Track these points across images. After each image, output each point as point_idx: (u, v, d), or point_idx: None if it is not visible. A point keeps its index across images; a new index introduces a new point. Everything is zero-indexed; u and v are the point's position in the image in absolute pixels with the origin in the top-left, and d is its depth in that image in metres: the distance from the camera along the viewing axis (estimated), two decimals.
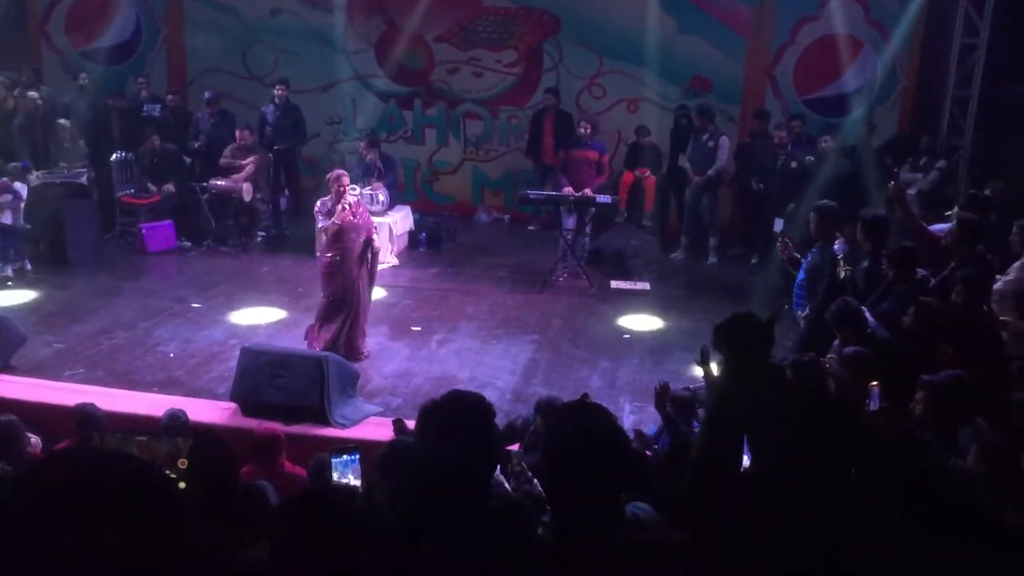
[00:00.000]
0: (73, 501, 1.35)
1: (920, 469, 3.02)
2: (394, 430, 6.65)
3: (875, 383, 5.53)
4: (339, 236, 8.87)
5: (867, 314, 6.71)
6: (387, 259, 12.25)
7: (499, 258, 12.59)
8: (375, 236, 9.16)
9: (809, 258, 8.02)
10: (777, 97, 13.44)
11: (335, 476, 3.47)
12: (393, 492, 2.96)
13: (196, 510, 3.01)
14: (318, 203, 9.06)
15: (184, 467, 3.35)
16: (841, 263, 7.39)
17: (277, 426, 7.05)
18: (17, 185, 11.22)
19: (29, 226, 11.44)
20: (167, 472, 3.24)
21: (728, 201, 13.11)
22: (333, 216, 8.82)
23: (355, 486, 3.54)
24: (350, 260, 8.92)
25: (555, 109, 13.45)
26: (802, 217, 10.28)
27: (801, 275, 8.19)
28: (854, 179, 10.99)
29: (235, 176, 12.50)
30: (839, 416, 2.25)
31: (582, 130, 12.31)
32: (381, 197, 12.40)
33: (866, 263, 7.51)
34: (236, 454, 6.82)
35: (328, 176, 9.10)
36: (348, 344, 9.05)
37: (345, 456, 3.46)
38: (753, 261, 12.18)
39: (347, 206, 8.83)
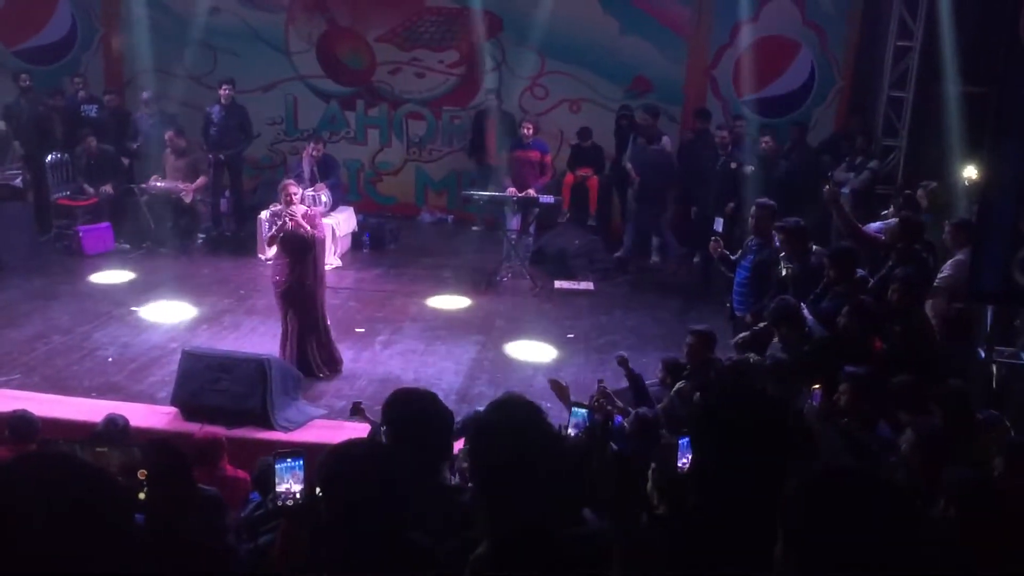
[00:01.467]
0: (33, 509, 1.33)
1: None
2: (351, 412, 6.68)
3: (816, 386, 5.60)
4: (285, 247, 8.69)
5: (806, 312, 6.82)
6: (330, 260, 12.15)
7: (443, 259, 12.58)
8: (317, 235, 8.81)
9: (752, 256, 8.15)
10: (717, 97, 13.58)
11: (277, 481, 3.42)
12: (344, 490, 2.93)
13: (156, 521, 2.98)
14: (265, 212, 8.93)
15: (144, 477, 3.30)
16: (781, 262, 7.51)
17: (219, 430, 6.98)
18: None
19: None
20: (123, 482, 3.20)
21: (670, 201, 13.21)
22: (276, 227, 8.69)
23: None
24: (304, 273, 8.71)
25: (497, 110, 13.47)
26: (743, 216, 10.44)
27: (741, 275, 8.32)
28: (790, 179, 11.14)
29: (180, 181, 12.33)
30: (773, 415, 2.28)
31: (524, 131, 12.34)
32: (324, 198, 12.30)
33: (798, 264, 7.64)
34: None
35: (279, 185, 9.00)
36: (327, 357, 8.91)
37: (289, 460, 3.41)
38: (695, 260, 12.29)
39: (288, 218, 8.61)
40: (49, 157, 12.72)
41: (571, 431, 4.42)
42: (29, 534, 1.31)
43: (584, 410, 4.60)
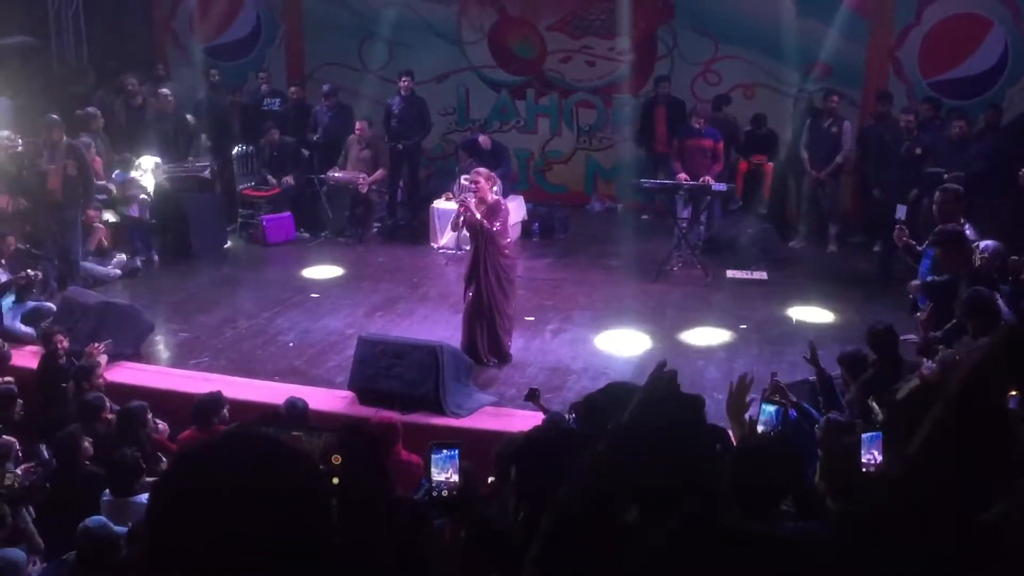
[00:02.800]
0: (242, 490, 1.35)
1: None
2: (527, 396, 6.71)
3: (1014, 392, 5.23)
4: (468, 232, 8.91)
5: (1001, 304, 6.43)
6: None
7: (612, 247, 12.49)
8: (486, 225, 8.76)
9: (930, 254, 7.71)
10: (901, 80, 12.99)
11: (434, 471, 3.43)
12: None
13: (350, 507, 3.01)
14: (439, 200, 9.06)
15: (338, 463, 3.37)
16: (976, 250, 7.05)
17: (394, 415, 7.13)
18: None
19: (154, 220, 11.84)
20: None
21: (849, 187, 12.74)
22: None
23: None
24: (476, 259, 8.82)
25: (667, 97, 13.27)
26: (925, 206, 9.94)
27: (926, 265, 7.88)
28: (982, 165, 10.53)
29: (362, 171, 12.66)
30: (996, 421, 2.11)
31: (696, 124, 12.01)
32: (495, 186, 12.39)
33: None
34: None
35: None
36: (493, 346, 8.95)
37: (445, 450, 3.42)
38: (875, 249, 11.80)
39: (462, 202, 8.82)
40: (235, 149, 13.30)
41: (760, 428, 4.27)
42: (236, 515, 1.32)
43: (774, 407, 4.43)
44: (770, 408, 4.37)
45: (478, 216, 8.69)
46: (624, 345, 9.44)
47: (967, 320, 6.37)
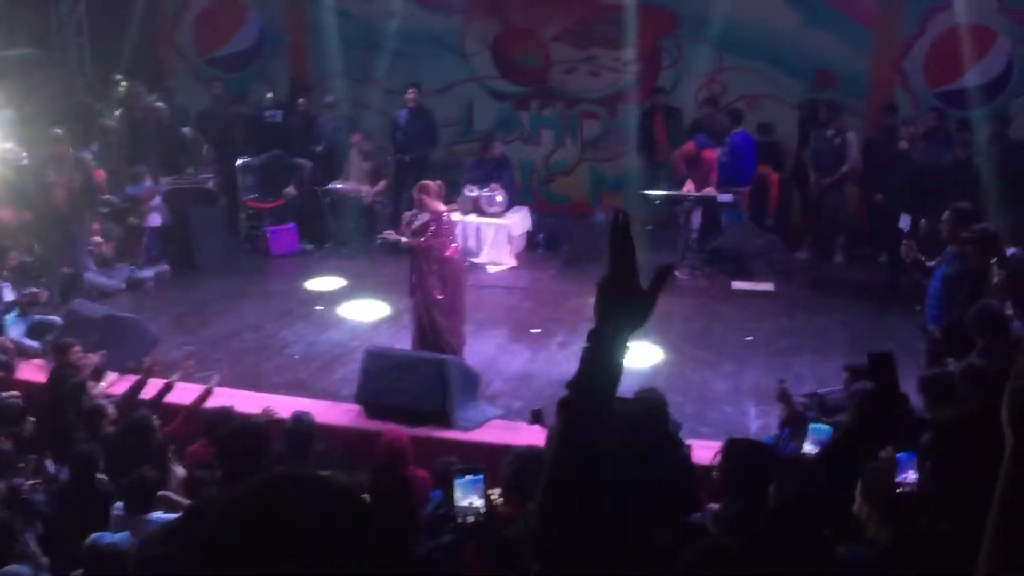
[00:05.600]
0: (297, 534, 1.33)
1: None
2: (532, 419, 6.65)
3: None
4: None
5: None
6: (505, 260, 12.28)
7: None
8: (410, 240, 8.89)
9: (944, 268, 7.63)
10: (906, 91, 12.98)
11: (458, 496, 3.41)
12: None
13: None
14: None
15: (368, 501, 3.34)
16: (995, 268, 6.97)
17: (402, 430, 7.09)
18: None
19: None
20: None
21: (855, 198, 12.72)
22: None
23: None
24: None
25: (665, 107, 13.27)
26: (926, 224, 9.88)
27: (935, 286, 7.79)
28: (990, 175, 10.49)
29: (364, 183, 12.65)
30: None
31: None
32: (499, 198, 12.41)
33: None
34: (362, 455, 6.93)
35: None
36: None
37: (468, 476, 3.40)
38: (881, 260, 11.78)
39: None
40: (239, 161, 13.29)
41: (809, 448, 4.20)
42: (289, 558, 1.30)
43: (827, 428, 4.36)
44: (823, 428, 4.31)
45: (404, 240, 8.87)
46: (630, 357, 9.37)
47: (978, 335, 6.32)
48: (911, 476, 3.63)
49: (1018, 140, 11.67)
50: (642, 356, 9.39)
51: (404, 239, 8.91)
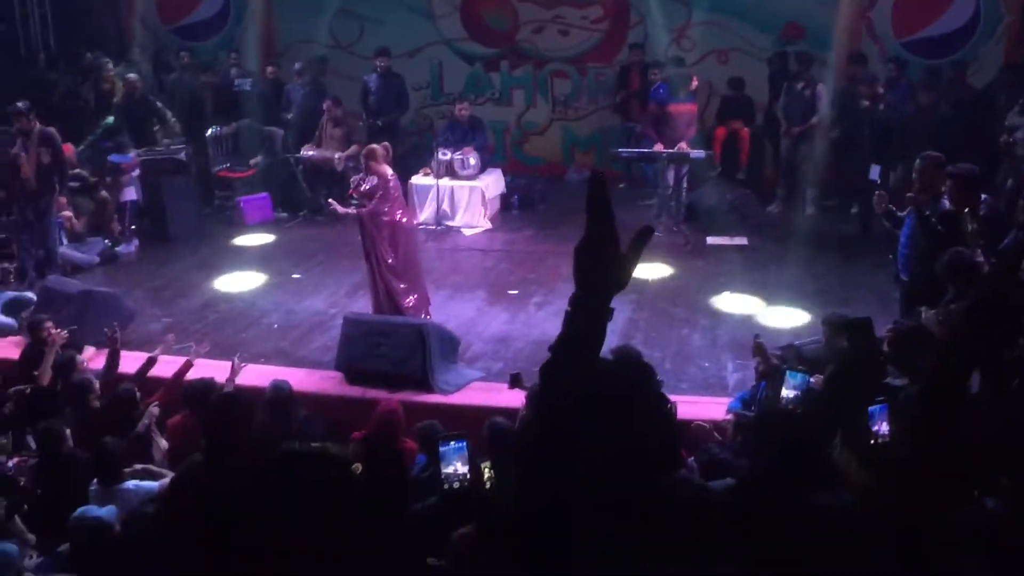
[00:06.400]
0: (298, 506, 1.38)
1: None
2: (511, 383, 6.68)
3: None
4: None
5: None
6: (480, 223, 12.28)
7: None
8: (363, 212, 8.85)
9: (910, 221, 7.67)
10: (873, 41, 13.01)
11: (443, 463, 3.47)
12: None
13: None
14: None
15: (359, 472, 3.38)
16: (967, 218, 6.98)
17: (394, 400, 7.11)
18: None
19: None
20: None
21: (825, 150, 12.77)
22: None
23: None
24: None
25: (640, 64, 13.26)
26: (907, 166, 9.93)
27: (905, 234, 7.84)
28: (952, 124, 10.53)
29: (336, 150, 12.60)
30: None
31: (693, 84, 11.93)
32: (472, 160, 12.39)
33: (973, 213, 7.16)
34: (344, 421, 6.97)
35: None
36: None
37: (452, 443, 3.45)
38: (853, 211, 11.87)
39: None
40: (209, 131, 13.18)
41: (787, 393, 4.29)
42: (290, 529, 1.35)
43: (802, 375, 4.46)
44: (799, 375, 4.40)
45: (342, 210, 9.00)
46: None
47: (949, 282, 6.41)
48: (884, 427, 3.72)
49: (977, 86, 11.76)
50: (617, 314, 9.46)
51: (343, 209, 9.00)
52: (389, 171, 8.80)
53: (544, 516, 1.92)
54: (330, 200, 9.75)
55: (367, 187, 8.75)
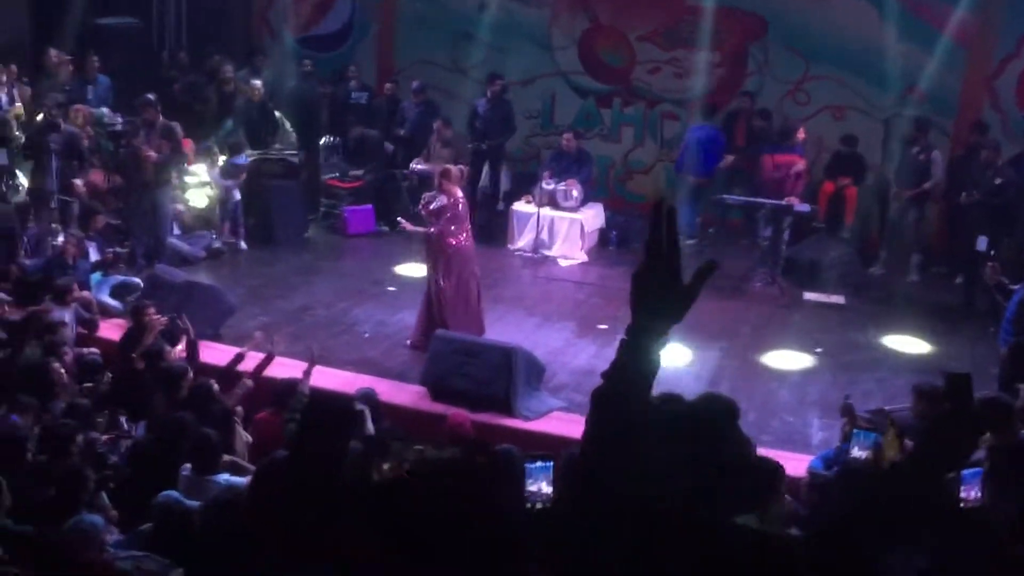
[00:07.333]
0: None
1: None
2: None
3: None
4: None
5: None
6: (576, 255, 12.33)
7: (688, 261, 12.34)
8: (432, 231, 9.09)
9: (1021, 292, 7.53)
10: (996, 111, 12.73)
11: (528, 481, 3.50)
12: None
13: None
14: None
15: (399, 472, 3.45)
16: None
17: (464, 413, 7.19)
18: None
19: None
20: None
21: (935, 217, 12.53)
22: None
23: None
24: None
25: (749, 112, 13.19)
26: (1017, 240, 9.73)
27: (1011, 310, 7.69)
28: None
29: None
30: None
31: (800, 135, 11.86)
32: (574, 193, 12.46)
33: None
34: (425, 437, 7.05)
35: None
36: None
37: (539, 463, 3.49)
38: (957, 281, 11.59)
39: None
40: (322, 140, 13.50)
41: (857, 453, 4.26)
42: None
43: (874, 434, 4.42)
44: (870, 435, 4.36)
45: (410, 227, 9.45)
46: (696, 360, 9.38)
47: None
48: (974, 493, 3.64)
49: None
50: (707, 360, 9.39)
51: (412, 227, 9.33)
52: (459, 193, 8.98)
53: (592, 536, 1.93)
54: (399, 219, 9.94)
55: (436, 206, 8.92)
